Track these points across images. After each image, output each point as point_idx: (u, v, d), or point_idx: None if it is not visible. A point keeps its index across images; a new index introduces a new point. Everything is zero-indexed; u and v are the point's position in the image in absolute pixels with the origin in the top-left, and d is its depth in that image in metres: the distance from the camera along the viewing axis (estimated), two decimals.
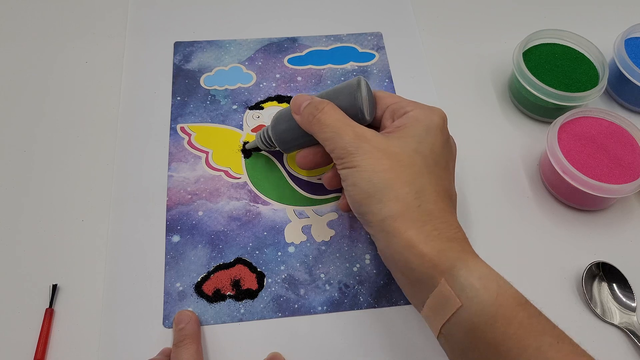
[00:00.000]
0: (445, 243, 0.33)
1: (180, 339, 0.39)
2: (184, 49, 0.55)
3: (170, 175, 0.47)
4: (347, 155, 0.36)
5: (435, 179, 0.36)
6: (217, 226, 0.45)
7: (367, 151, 0.36)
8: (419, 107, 0.39)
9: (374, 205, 0.35)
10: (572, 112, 0.48)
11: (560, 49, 0.53)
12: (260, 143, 0.46)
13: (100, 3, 0.59)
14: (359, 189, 0.36)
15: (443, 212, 0.35)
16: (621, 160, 0.46)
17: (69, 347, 0.40)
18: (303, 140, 0.42)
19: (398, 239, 0.34)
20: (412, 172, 0.35)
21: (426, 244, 0.33)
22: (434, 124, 0.38)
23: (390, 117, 0.40)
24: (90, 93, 0.52)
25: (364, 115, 0.39)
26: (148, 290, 0.42)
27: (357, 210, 0.37)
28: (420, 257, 0.33)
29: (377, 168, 0.35)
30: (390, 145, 0.36)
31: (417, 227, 0.34)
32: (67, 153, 0.49)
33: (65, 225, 0.45)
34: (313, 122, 0.39)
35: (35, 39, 0.56)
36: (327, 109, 0.39)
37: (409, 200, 0.34)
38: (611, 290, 0.43)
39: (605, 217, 0.48)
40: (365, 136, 0.37)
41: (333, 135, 0.37)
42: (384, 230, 0.35)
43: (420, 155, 0.36)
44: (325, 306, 0.42)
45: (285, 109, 0.43)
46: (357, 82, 0.40)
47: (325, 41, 0.57)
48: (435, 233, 0.34)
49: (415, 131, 0.37)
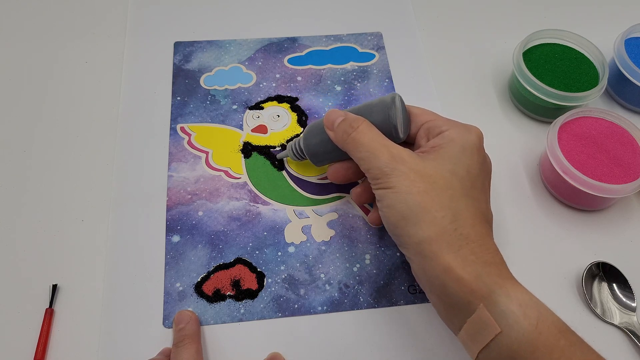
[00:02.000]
0: (483, 268, 0.33)
1: (180, 339, 0.39)
2: (184, 49, 0.55)
3: (170, 175, 0.47)
4: (383, 176, 0.36)
5: (472, 201, 0.36)
6: (217, 226, 0.45)
7: (403, 173, 0.35)
8: (455, 125, 0.39)
9: (409, 227, 0.35)
10: (572, 112, 0.48)
11: (560, 49, 0.53)
12: (291, 154, 0.46)
13: (100, 3, 0.59)
14: (394, 210, 0.35)
15: (480, 235, 0.34)
16: (621, 160, 0.46)
17: (69, 347, 0.40)
18: (335, 155, 0.42)
19: (435, 262, 0.33)
20: (449, 195, 0.35)
21: (463, 268, 0.33)
22: (470, 144, 0.37)
23: (425, 135, 0.40)
24: (90, 93, 0.52)
25: (398, 133, 0.39)
26: (148, 290, 0.42)
27: (392, 231, 0.37)
28: (457, 281, 0.33)
29: (413, 190, 0.35)
30: (426, 167, 0.36)
31: (454, 251, 0.33)
32: (67, 153, 0.49)
33: (65, 225, 0.45)
34: (347, 141, 0.38)
35: (35, 39, 0.56)
36: (362, 127, 0.38)
37: (446, 224, 0.34)
38: (611, 290, 0.43)
39: (605, 217, 0.47)
40: (401, 157, 0.36)
41: (368, 155, 0.37)
42: (419, 253, 0.34)
43: (457, 177, 0.36)
44: (325, 306, 0.42)
45: (318, 121, 0.43)
46: (391, 99, 0.39)
47: (325, 41, 0.57)
48: (473, 257, 0.33)
49: (451, 152, 0.37)
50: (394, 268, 0.44)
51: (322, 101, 0.52)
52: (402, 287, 0.43)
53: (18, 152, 0.48)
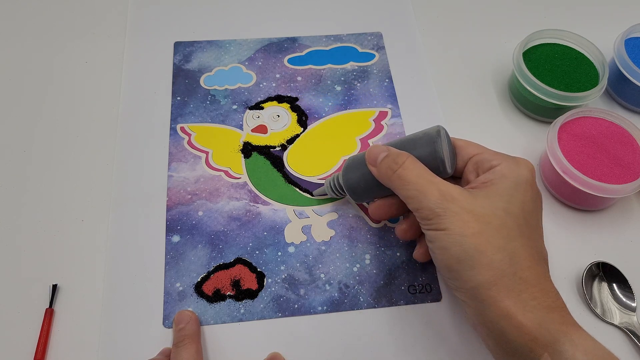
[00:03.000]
0: (546, 314, 0.32)
1: (180, 339, 0.39)
2: (184, 49, 0.55)
3: (170, 175, 0.47)
4: (435, 217, 0.34)
5: (528, 240, 0.34)
6: (217, 226, 0.45)
7: (455, 213, 0.34)
8: (505, 160, 0.37)
9: (465, 271, 0.33)
10: (572, 112, 0.48)
11: (560, 49, 0.53)
12: (329, 190, 0.44)
13: (100, 3, 0.59)
14: (448, 253, 0.34)
15: (539, 277, 0.33)
16: (621, 160, 0.46)
17: (69, 347, 0.40)
18: (377, 191, 0.40)
19: (493, 308, 0.32)
20: (504, 236, 0.33)
21: (524, 315, 0.31)
22: (522, 179, 0.36)
23: (474, 170, 0.38)
24: (90, 93, 0.52)
25: (445, 168, 0.37)
26: (148, 290, 0.42)
27: (445, 274, 0.35)
28: (518, 328, 0.31)
29: (467, 232, 0.33)
30: (479, 205, 0.34)
31: (514, 297, 0.32)
32: (67, 153, 0.49)
33: (65, 225, 0.45)
34: (393, 178, 0.36)
35: (35, 39, 0.56)
36: (407, 163, 0.36)
37: (504, 267, 0.32)
38: (611, 290, 0.43)
39: (605, 217, 0.47)
40: (452, 195, 0.34)
41: (417, 194, 0.35)
42: (476, 298, 0.33)
43: (511, 215, 0.34)
44: (325, 306, 0.42)
45: (356, 156, 0.41)
46: (436, 132, 0.37)
47: (325, 41, 0.57)
48: (534, 303, 0.32)
49: (503, 189, 0.35)
50: (394, 268, 0.44)
51: (322, 101, 0.52)
52: (402, 287, 0.43)
53: (18, 152, 0.48)
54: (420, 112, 0.52)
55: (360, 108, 0.52)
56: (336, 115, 0.52)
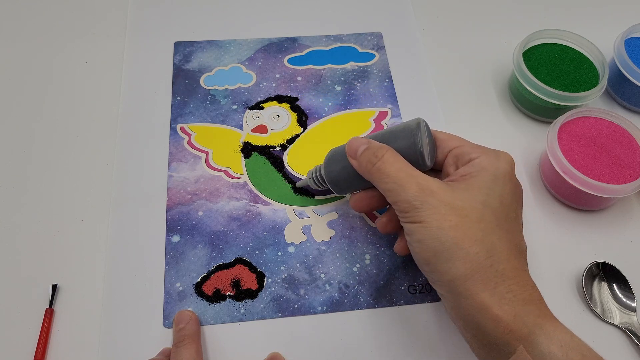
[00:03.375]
0: (522, 307, 0.32)
1: (180, 339, 0.39)
2: (184, 49, 0.55)
3: (170, 175, 0.47)
4: (412, 210, 0.34)
5: (506, 233, 0.34)
6: (217, 226, 0.45)
7: (433, 206, 0.34)
8: (485, 152, 0.37)
9: (442, 264, 0.33)
10: (572, 112, 0.48)
11: (560, 49, 0.53)
12: (311, 181, 0.44)
13: (100, 3, 0.59)
14: (425, 246, 0.34)
15: (516, 270, 0.33)
16: (621, 160, 0.46)
17: (69, 347, 0.40)
18: (358, 184, 0.40)
19: (470, 300, 0.32)
20: (482, 229, 0.33)
21: (500, 307, 0.31)
22: (501, 172, 0.36)
23: (453, 163, 0.38)
24: (90, 93, 0.52)
25: (425, 161, 0.37)
26: (148, 290, 0.42)
27: (422, 267, 0.35)
28: (494, 321, 0.31)
29: (444, 225, 0.33)
30: (457, 198, 0.34)
31: (490, 289, 0.32)
32: (67, 153, 0.49)
33: (65, 225, 0.45)
34: (372, 171, 0.36)
35: (35, 39, 0.56)
36: (387, 156, 0.36)
37: (480, 260, 0.32)
38: (611, 290, 0.43)
39: (605, 217, 0.47)
40: (430, 189, 0.34)
41: (395, 186, 0.35)
42: (453, 291, 0.33)
43: (489, 208, 0.34)
44: (325, 306, 0.42)
45: (338, 148, 0.41)
46: (416, 124, 0.37)
47: (325, 41, 0.57)
48: (510, 295, 0.32)
49: (482, 181, 0.35)
50: (394, 268, 0.44)
51: (322, 101, 0.52)
52: (402, 287, 0.43)
53: (18, 152, 0.48)
54: (420, 112, 0.52)
55: (360, 108, 0.52)
56: (336, 115, 0.52)
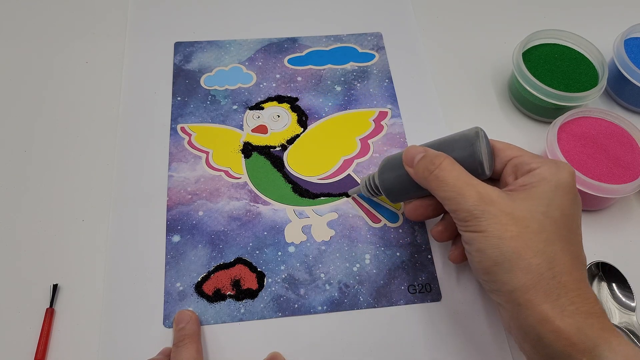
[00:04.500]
0: (584, 320, 0.31)
1: (180, 339, 0.39)
2: (184, 49, 0.55)
3: (170, 175, 0.48)
4: (472, 219, 0.34)
5: (567, 245, 0.34)
6: (217, 226, 0.45)
7: (493, 215, 0.33)
8: (545, 163, 0.36)
9: (502, 274, 0.33)
10: (572, 112, 0.48)
11: (560, 49, 0.53)
12: (365, 190, 0.44)
13: (100, 3, 0.59)
14: (485, 256, 0.33)
15: (578, 282, 0.32)
16: (621, 160, 0.46)
17: (69, 347, 0.40)
18: (414, 192, 0.40)
19: (530, 312, 0.32)
20: (543, 239, 0.33)
21: (562, 319, 0.31)
22: (562, 182, 0.35)
23: (512, 172, 0.37)
24: (90, 93, 0.52)
25: (484, 170, 0.36)
26: (148, 290, 0.42)
27: (481, 277, 0.35)
28: (556, 333, 0.31)
29: (505, 235, 0.33)
30: (518, 208, 0.34)
31: (552, 301, 0.31)
32: (67, 153, 0.49)
33: (65, 225, 0.45)
34: (430, 179, 0.36)
35: (35, 39, 0.56)
36: (445, 164, 0.36)
37: (542, 271, 0.32)
38: (611, 290, 0.43)
39: (605, 217, 0.48)
40: (490, 198, 0.34)
41: (454, 195, 0.35)
42: (513, 301, 0.32)
43: (550, 219, 0.34)
44: (325, 306, 0.42)
45: (393, 156, 0.41)
46: (475, 133, 0.37)
47: (325, 41, 0.57)
48: (572, 308, 0.31)
49: (543, 192, 0.35)
50: (394, 268, 0.44)
51: (322, 101, 0.53)
52: (402, 287, 0.43)
53: (18, 152, 0.48)
54: (420, 112, 0.52)
55: (360, 108, 0.52)
56: (336, 115, 0.52)
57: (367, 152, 0.50)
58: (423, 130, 0.51)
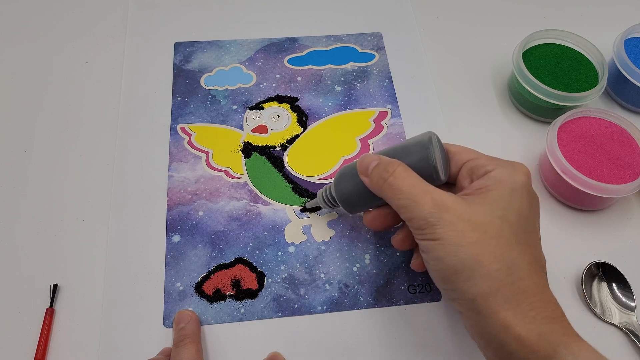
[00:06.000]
0: (546, 325, 0.31)
1: (180, 339, 0.39)
2: (184, 49, 0.55)
3: (170, 175, 0.48)
4: (428, 227, 0.33)
5: (526, 248, 0.33)
6: (217, 226, 0.45)
7: (450, 222, 0.32)
8: (500, 164, 0.36)
9: (461, 282, 0.32)
10: (571, 112, 0.48)
11: (560, 49, 0.53)
12: (321, 201, 0.43)
13: (100, 3, 0.59)
14: (444, 264, 0.33)
15: (538, 287, 0.32)
16: (621, 160, 0.46)
17: (69, 347, 0.40)
18: (371, 202, 0.39)
19: (491, 319, 0.31)
20: (501, 244, 0.32)
21: (523, 326, 0.31)
22: (518, 184, 0.35)
23: (468, 176, 0.37)
24: (90, 93, 0.52)
25: (438, 175, 0.36)
26: (148, 290, 0.42)
27: (441, 285, 0.34)
28: (518, 340, 0.30)
29: (463, 241, 0.32)
30: (474, 214, 0.33)
31: (512, 307, 0.31)
32: (67, 153, 0.49)
33: (65, 225, 0.45)
34: (384, 187, 0.35)
35: (35, 39, 0.56)
36: (398, 171, 0.35)
37: (502, 277, 0.31)
38: (611, 290, 0.43)
39: (605, 217, 0.48)
40: (445, 204, 0.33)
41: (409, 203, 0.34)
42: (473, 309, 0.32)
43: (508, 223, 0.33)
44: (325, 306, 0.42)
45: (348, 166, 0.40)
46: (428, 138, 0.36)
47: (325, 41, 0.57)
48: (533, 313, 0.31)
49: (499, 195, 0.34)
50: (394, 268, 0.44)
51: (322, 101, 0.53)
52: (402, 287, 0.43)
53: (18, 152, 0.48)
54: (420, 112, 0.53)
55: (360, 108, 0.52)
56: (336, 115, 0.52)
57: (367, 152, 0.50)
58: (423, 130, 0.51)
